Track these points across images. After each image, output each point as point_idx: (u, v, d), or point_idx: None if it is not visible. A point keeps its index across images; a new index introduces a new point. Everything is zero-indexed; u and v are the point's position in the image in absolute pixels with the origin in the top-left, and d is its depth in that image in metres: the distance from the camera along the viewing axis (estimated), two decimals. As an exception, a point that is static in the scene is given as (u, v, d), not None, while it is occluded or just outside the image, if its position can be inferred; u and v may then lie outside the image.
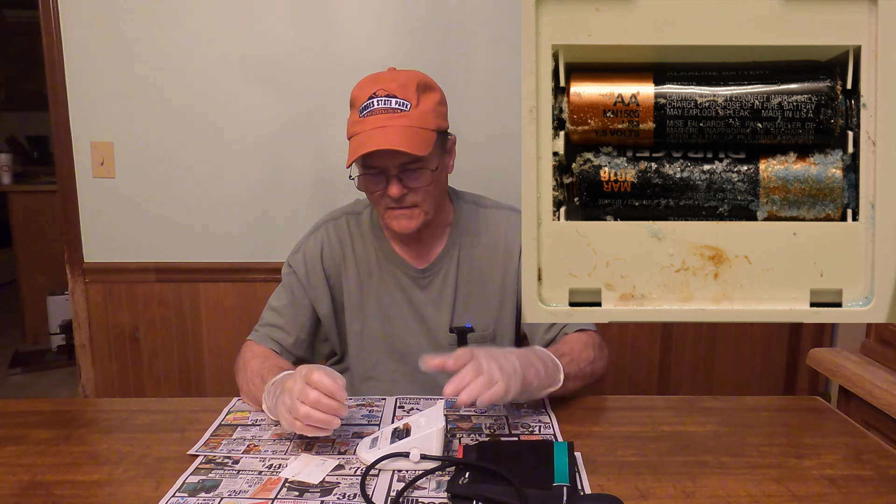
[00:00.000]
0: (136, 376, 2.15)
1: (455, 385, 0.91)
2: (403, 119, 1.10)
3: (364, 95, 1.13)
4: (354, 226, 1.28)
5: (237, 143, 2.05)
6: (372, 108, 1.11)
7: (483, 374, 0.92)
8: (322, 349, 1.31)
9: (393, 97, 1.10)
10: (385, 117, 1.10)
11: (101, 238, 2.08)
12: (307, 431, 0.91)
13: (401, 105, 1.10)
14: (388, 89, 1.11)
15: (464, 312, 1.26)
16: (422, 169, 1.13)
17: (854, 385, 1.45)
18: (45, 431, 1.03)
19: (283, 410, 0.93)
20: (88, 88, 2.01)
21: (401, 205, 1.15)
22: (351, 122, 1.15)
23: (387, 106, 1.10)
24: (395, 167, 1.12)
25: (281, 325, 1.24)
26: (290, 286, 1.27)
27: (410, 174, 1.13)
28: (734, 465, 0.92)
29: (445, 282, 1.25)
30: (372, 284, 1.26)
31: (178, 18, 1.98)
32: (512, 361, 0.97)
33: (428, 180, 1.14)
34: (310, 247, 1.27)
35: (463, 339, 1.24)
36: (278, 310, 1.25)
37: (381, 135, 1.09)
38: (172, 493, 0.84)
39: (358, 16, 2.01)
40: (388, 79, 1.14)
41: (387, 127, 1.09)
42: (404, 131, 1.09)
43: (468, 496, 0.80)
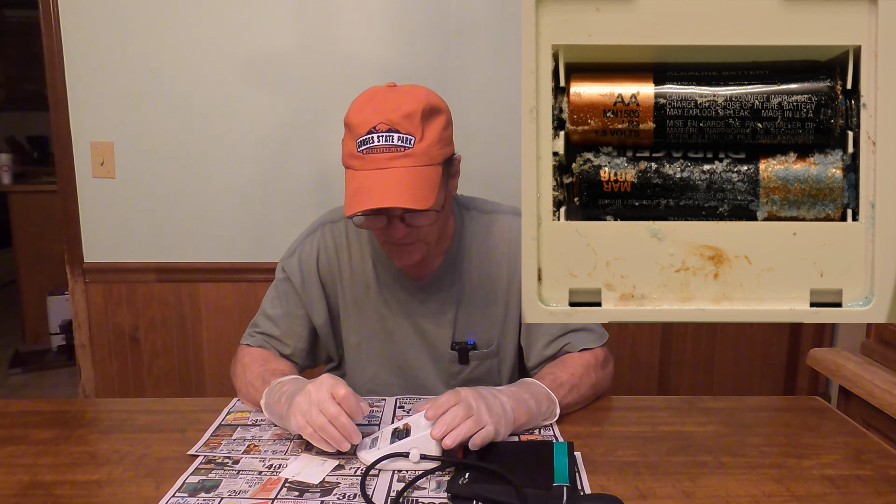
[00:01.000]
0: (136, 376, 2.16)
1: (441, 429, 0.88)
2: (406, 159, 1.01)
3: (363, 125, 1.03)
4: (352, 232, 1.21)
5: (237, 144, 2.05)
6: (371, 144, 1.02)
7: (472, 415, 0.90)
8: (322, 356, 1.27)
9: (395, 132, 1.01)
10: (386, 157, 1.01)
11: (101, 238, 2.08)
12: (315, 441, 0.91)
13: (404, 142, 1.01)
14: (390, 122, 1.01)
15: (466, 327, 1.20)
16: (427, 210, 1.04)
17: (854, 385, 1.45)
18: (45, 431, 1.03)
19: (298, 413, 0.92)
20: (88, 88, 2.01)
21: (403, 241, 1.08)
22: (347, 151, 1.06)
23: (388, 143, 1.01)
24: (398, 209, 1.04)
25: (278, 335, 1.20)
26: (284, 294, 1.22)
27: (414, 214, 1.05)
28: (734, 465, 0.92)
29: (448, 295, 1.19)
30: (370, 297, 1.21)
31: (178, 18, 1.98)
32: (501, 402, 0.95)
33: (432, 219, 1.07)
34: (306, 252, 1.22)
35: (464, 356, 1.19)
36: (274, 319, 1.21)
37: (382, 182, 1.01)
38: (172, 493, 0.84)
39: (358, 16, 2.01)
40: (389, 107, 1.03)
41: (388, 170, 1.01)
42: (407, 177, 1.01)
43: (468, 496, 0.80)
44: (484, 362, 1.21)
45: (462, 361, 1.20)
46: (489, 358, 1.21)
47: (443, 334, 1.20)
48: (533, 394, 1.01)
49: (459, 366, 1.21)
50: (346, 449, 0.91)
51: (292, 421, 0.93)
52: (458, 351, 1.20)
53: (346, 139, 1.07)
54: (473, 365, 1.21)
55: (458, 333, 1.20)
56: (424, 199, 1.01)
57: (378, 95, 1.07)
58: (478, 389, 0.96)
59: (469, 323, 1.20)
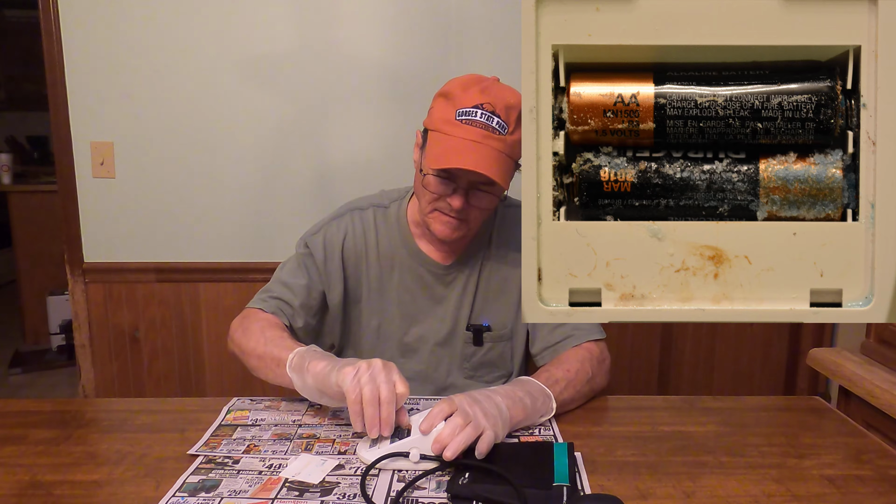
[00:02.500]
0: (136, 376, 2.16)
1: (440, 443, 0.87)
2: (498, 143, 1.08)
3: (468, 100, 1.09)
4: (381, 219, 1.25)
5: (237, 143, 2.05)
6: (473, 118, 1.08)
7: (470, 423, 0.89)
8: (325, 339, 1.28)
9: (497, 116, 1.08)
10: (482, 133, 1.08)
11: (101, 238, 2.08)
12: (352, 411, 0.90)
13: (500, 128, 1.08)
14: (494, 106, 1.09)
15: (483, 310, 1.25)
16: (491, 194, 1.13)
17: (854, 385, 1.45)
18: (45, 431, 1.03)
19: (353, 376, 0.91)
20: (88, 88, 2.01)
21: (453, 215, 1.14)
22: (442, 117, 1.11)
23: (488, 123, 1.08)
24: (466, 181, 1.11)
25: (296, 305, 1.20)
26: (306, 267, 1.23)
27: (478, 193, 1.13)
28: (734, 465, 0.92)
29: (469, 278, 1.24)
30: (392, 281, 1.25)
31: (178, 19, 1.98)
32: (496, 402, 0.95)
33: (492, 204, 1.15)
34: (332, 231, 1.24)
35: (479, 337, 1.24)
36: (293, 288, 1.21)
37: (474, 151, 1.07)
38: (172, 493, 0.84)
39: (358, 16, 2.01)
40: (495, 94, 1.10)
41: (481, 144, 1.07)
42: (496, 156, 1.08)
43: (468, 496, 0.80)
44: (497, 344, 1.25)
45: (476, 343, 1.24)
46: (503, 341, 1.25)
47: (461, 315, 1.25)
48: (528, 391, 1.02)
49: (473, 347, 1.25)
50: (375, 436, 0.90)
51: (347, 378, 0.92)
52: (473, 332, 1.24)
53: (440, 106, 1.13)
54: (487, 347, 1.25)
55: (474, 316, 1.25)
56: (505, 180, 1.10)
57: (485, 81, 1.13)
58: (471, 394, 0.96)
59: (485, 306, 1.25)
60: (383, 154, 2.06)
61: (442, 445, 0.87)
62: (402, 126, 2.05)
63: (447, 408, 0.91)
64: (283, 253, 1.32)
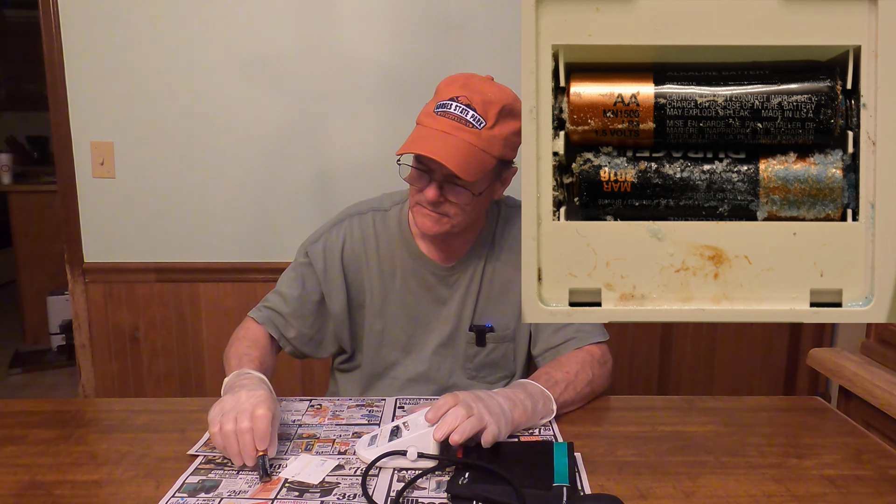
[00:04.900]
0: (136, 376, 2.16)
1: (443, 430, 0.88)
2: (471, 136, 1.07)
3: (447, 93, 1.11)
4: (380, 223, 1.25)
5: (237, 143, 2.05)
6: (447, 110, 1.09)
7: (473, 414, 0.90)
8: (329, 347, 1.28)
9: (472, 109, 1.08)
10: (454, 125, 1.08)
11: (101, 238, 2.09)
12: (216, 442, 0.91)
13: (475, 121, 1.08)
14: (471, 100, 1.08)
15: (486, 310, 1.24)
16: (465, 189, 1.11)
17: (854, 385, 1.45)
18: (45, 431, 1.03)
19: (218, 409, 0.92)
20: (88, 88, 2.01)
21: (432, 208, 1.13)
22: (424, 110, 1.13)
23: (461, 115, 1.08)
24: (441, 174, 1.11)
25: (285, 314, 1.23)
26: (303, 277, 1.24)
27: (453, 187, 1.11)
28: (734, 465, 0.92)
29: (472, 279, 1.24)
30: (395, 285, 1.24)
31: (179, 18, 1.98)
32: (498, 402, 0.96)
33: (466, 200, 1.13)
34: (332, 239, 1.25)
35: (482, 338, 1.24)
36: (286, 298, 1.24)
37: (441, 141, 1.07)
38: (172, 493, 0.84)
39: (358, 16, 2.01)
40: (476, 89, 1.10)
41: (450, 135, 1.07)
42: (464, 148, 1.07)
43: (468, 496, 0.80)
44: (500, 345, 1.25)
45: (479, 343, 1.24)
46: (505, 341, 1.25)
47: (464, 315, 1.24)
48: (529, 393, 1.02)
49: (476, 347, 1.24)
50: (239, 463, 0.90)
51: (210, 413, 0.93)
52: (476, 332, 1.23)
53: (427, 104, 1.14)
54: (490, 348, 1.25)
55: (477, 317, 1.25)
56: (469, 173, 1.07)
57: (472, 78, 1.14)
58: (475, 392, 0.96)
59: (488, 307, 1.25)
60: (383, 154, 2.06)
61: (448, 430, 0.87)
62: (403, 126, 2.04)
63: (452, 400, 0.92)
64: (283, 253, 1.33)
